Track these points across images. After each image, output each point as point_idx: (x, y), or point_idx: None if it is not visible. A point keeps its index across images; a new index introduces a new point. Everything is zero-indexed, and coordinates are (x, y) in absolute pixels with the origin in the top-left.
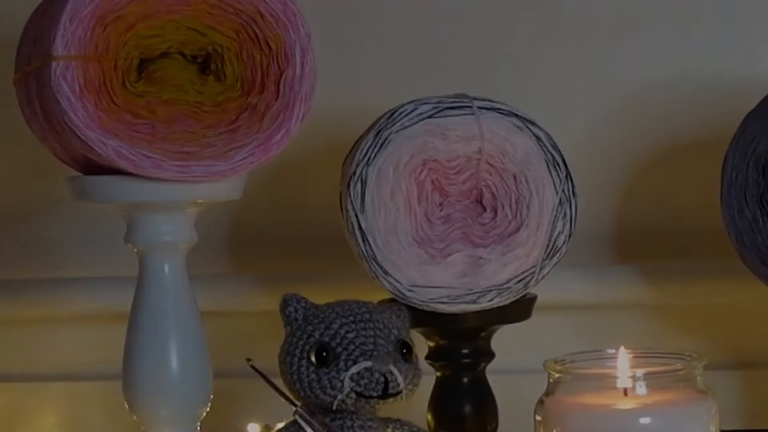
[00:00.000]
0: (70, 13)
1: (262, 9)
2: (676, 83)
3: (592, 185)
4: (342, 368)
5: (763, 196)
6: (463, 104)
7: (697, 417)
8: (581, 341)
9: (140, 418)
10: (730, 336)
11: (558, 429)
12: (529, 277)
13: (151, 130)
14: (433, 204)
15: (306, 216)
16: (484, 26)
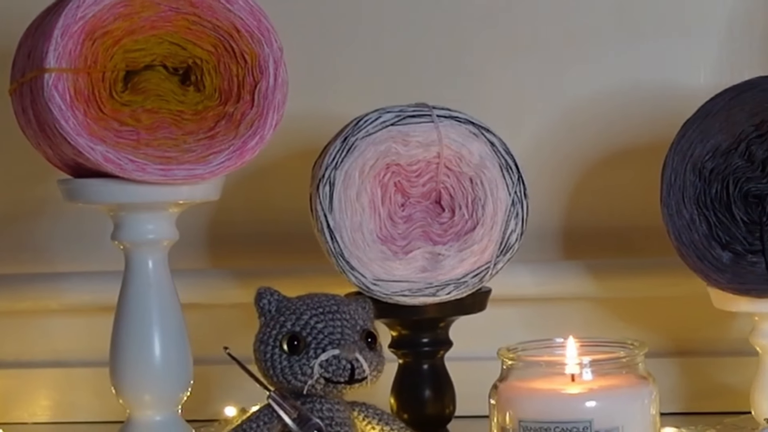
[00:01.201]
0: (61, 29)
1: (238, 25)
2: (619, 94)
3: (542, 187)
4: (312, 356)
5: (700, 198)
6: (424, 113)
7: (639, 400)
8: (532, 331)
9: (126, 402)
10: (669, 326)
11: (511, 412)
12: (484, 272)
13: (135, 137)
14: (396, 204)
15: (279, 215)
16: (444, 42)
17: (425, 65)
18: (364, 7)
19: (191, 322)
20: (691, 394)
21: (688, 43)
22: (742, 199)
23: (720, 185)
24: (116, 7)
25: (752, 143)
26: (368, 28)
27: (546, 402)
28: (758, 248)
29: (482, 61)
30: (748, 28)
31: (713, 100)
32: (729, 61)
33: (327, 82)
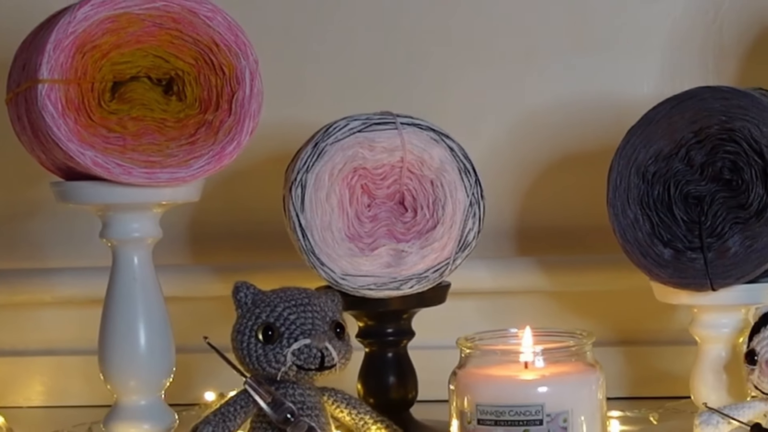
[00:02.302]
0: (53, 43)
1: (217, 39)
2: (570, 102)
3: (498, 189)
4: (285, 345)
5: (643, 199)
6: (388, 120)
7: (587, 386)
8: (488, 322)
9: (113, 387)
10: (614, 317)
11: (469, 397)
12: (444, 267)
13: (122, 143)
14: (363, 205)
15: (254, 215)
16: (407, 55)
17: (389, 77)
18: (334, 24)
19: (173, 314)
20: (635, 381)
21: (632, 56)
22: (682, 200)
23: (662, 187)
24: (104, 23)
25: (692, 149)
26: (337, 43)
27: (501, 387)
28: (697, 246)
29: (442, 73)
30: (687, 42)
31: (655, 109)
32: (670, 73)
33: (299, 92)
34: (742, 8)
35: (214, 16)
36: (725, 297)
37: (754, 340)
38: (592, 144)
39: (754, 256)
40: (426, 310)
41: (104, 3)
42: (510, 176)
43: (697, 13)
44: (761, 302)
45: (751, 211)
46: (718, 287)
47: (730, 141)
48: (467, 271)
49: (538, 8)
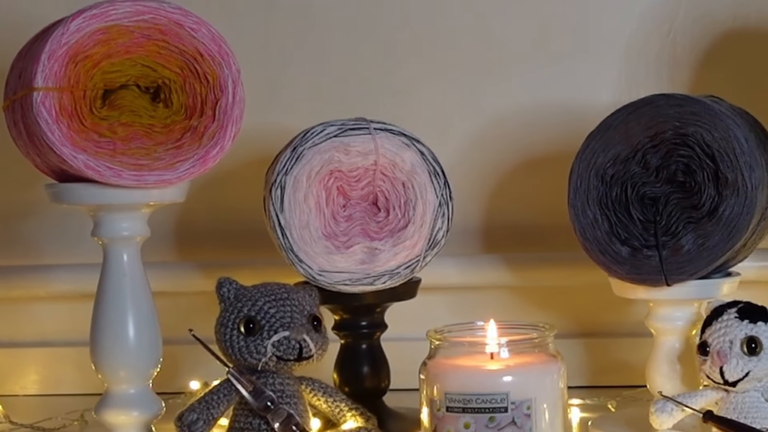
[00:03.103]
0: (48, 53)
1: (201, 50)
2: (532, 109)
3: (466, 191)
4: (265, 337)
5: (602, 200)
6: (362, 126)
7: (549, 376)
8: (456, 315)
9: (104, 377)
10: (575, 311)
11: (438, 385)
12: (415, 264)
13: (112, 147)
14: (338, 205)
15: (236, 215)
16: (380, 64)
17: (364, 84)
18: (311, 36)
19: (161, 308)
20: (594, 370)
21: (591, 65)
22: (638, 201)
23: (619, 189)
24: (95, 34)
25: (647, 152)
26: (314, 54)
27: (469, 377)
28: (653, 244)
29: (413, 81)
30: (643, 52)
31: (613, 115)
32: (627, 81)
33: (278, 100)
34: (694, 21)
35: (199, 28)
36: (679, 292)
37: (706, 332)
38: (554, 148)
39: (706, 253)
40: (398, 304)
41: (96, 15)
42: (477, 178)
43: (653, 26)
44: (713, 297)
45: (704, 212)
46: (672, 283)
47: (684, 145)
48: (437, 267)
49: (502, 21)
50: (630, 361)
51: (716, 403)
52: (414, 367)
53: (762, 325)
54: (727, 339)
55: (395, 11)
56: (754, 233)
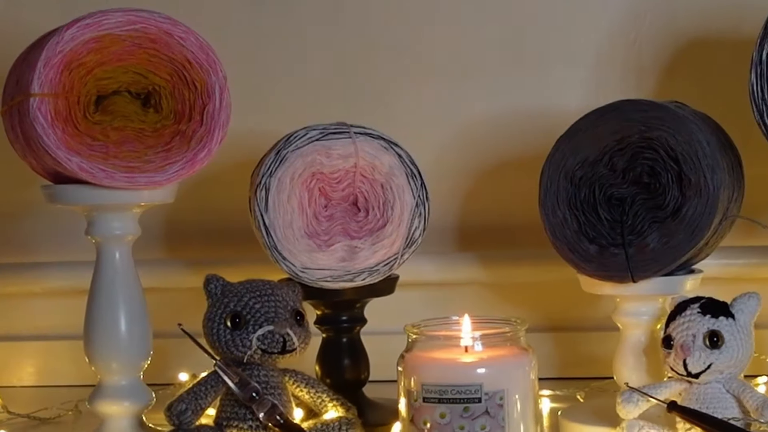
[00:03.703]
0: (43, 61)
1: (189, 58)
2: (505, 114)
3: (441, 192)
4: (250, 331)
5: (571, 201)
6: (343, 130)
7: (521, 368)
8: (432, 310)
9: (97, 369)
10: (545, 306)
11: (415, 377)
12: (393, 261)
13: (105, 150)
14: (320, 206)
15: (223, 215)
16: (360, 71)
17: (345, 91)
18: (294, 44)
19: (151, 303)
20: (564, 363)
21: (561, 73)
22: (606, 202)
23: (588, 190)
24: (89, 43)
25: (614, 155)
26: (297, 61)
27: (444, 369)
28: (619, 242)
29: (392, 88)
30: (610, 60)
31: (582, 120)
32: (595, 87)
33: (263, 105)
34: (659, 31)
35: (187, 37)
36: (644, 288)
37: (670, 326)
38: (526, 151)
39: (670, 251)
40: (377, 299)
41: (89, 25)
42: (452, 180)
43: (620, 35)
44: (677, 293)
45: (668, 212)
46: (638, 279)
47: (649, 148)
48: (414, 265)
49: (477, 31)
50: (598, 353)
51: (680, 393)
52: (392, 360)
53: (723, 320)
54: (690, 333)
55: (376, 21)
56: (716, 232)
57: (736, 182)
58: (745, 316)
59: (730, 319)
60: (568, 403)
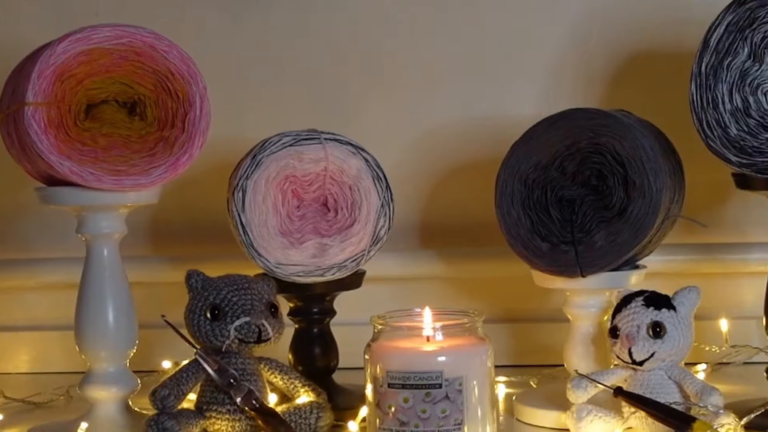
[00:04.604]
0: (37, 72)
1: (172, 69)
2: (463, 121)
3: (405, 193)
4: (228, 322)
5: (524, 202)
6: (314, 136)
7: (479, 356)
8: (396, 303)
9: (87, 357)
10: (501, 299)
11: (380, 365)
12: (360, 258)
13: (94, 155)
14: (293, 206)
15: (203, 215)
16: (330, 83)
17: (316, 100)
18: (269, 56)
19: (136, 296)
20: (518, 351)
21: (515, 83)
22: (557, 203)
23: (540, 192)
24: (79, 56)
25: (565, 160)
26: (272, 72)
27: (407, 357)
28: (569, 240)
29: (359, 97)
30: (561, 71)
31: (535, 127)
32: (547, 96)
33: (240, 113)
34: (606, 44)
35: (170, 50)
36: (593, 282)
37: (616, 318)
38: (483, 156)
39: (616, 248)
40: (345, 293)
41: (79, 39)
42: (415, 182)
43: (570, 48)
44: (622, 286)
45: (614, 211)
46: (586, 274)
47: (597, 153)
48: (379, 261)
49: (437, 45)
50: (549, 343)
51: (625, 380)
52: (359, 349)
53: (665, 312)
54: (634, 324)
55: (344, 37)
56: (658, 231)
57: (678, 185)
58: (685, 308)
59: (671, 311)
60: (522, 388)
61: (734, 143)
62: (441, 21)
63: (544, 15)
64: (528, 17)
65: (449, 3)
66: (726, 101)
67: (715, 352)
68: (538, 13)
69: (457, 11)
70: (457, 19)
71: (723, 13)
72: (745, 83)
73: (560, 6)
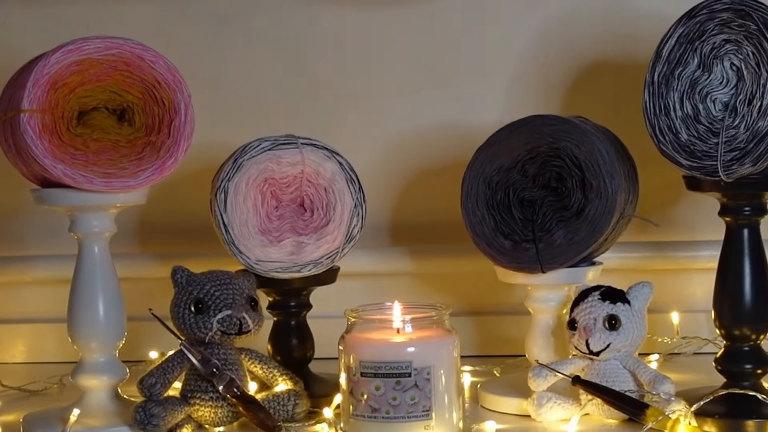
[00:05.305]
0: (32, 81)
1: (159, 79)
2: (431, 127)
3: (377, 195)
4: (211, 315)
5: (489, 202)
6: (292, 141)
7: (445, 347)
8: (368, 297)
9: (79, 348)
10: (467, 293)
11: (354, 355)
12: (335, 255)
13: (85, 159)
14: (272, 207)
15: (188, 215)
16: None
17: (293, 108)
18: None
19: (125, 291)
20: (482, 343)
21: (480, 91)
22: (519, 203)
23: (503, 193)
24: (71, 66)
25: (526, 163)
26: (253, 81)
27: (379, 348)
28: (531, 238)
29: (334, 104)
30: (523, 80)
31: (498, 132)
32: (509, 104)
33: (223, 119)
34: (564, 56)
35: (157, 61)
36: (552, 278)
37: (574, 311)
38: (449, 159)
39: (574, 246)
40: (321, 287)
41: (72, 50)
42: (386, 184)
43: (530, 59)
44: (580, 282)
45: (572, 211)
46: (547, 270)
47: (556, 157)
48: (353, 258)
49: (405, 55)
50: (512, 335)
51: (583, 369)
52: (334, 340)
53: (620, 305)
54: (591, 317)
55: (319, 49)
56: (614, 230)
57: (632, 186)
58: (639, 302)
59: (626, 304)
60: (486, 377)
61: (685, 147)
62: (409, 35)
63: (506, 29)
64: (491, 31)
65: (418, 19)
66: (677, 108)
67: (666, 343)
68: (501, 28)
69: (425, 26)
70: (424, 34)
71: (674, 26)
72: (695, 91)
73: (521, 20)
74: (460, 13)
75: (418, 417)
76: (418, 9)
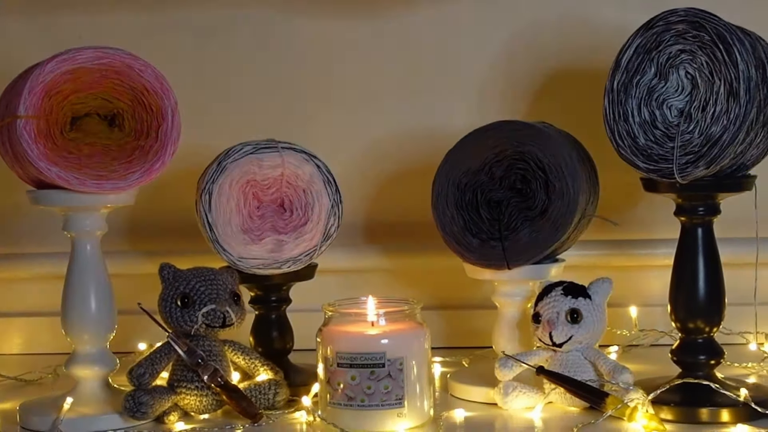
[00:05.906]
0: (28, 89)
1: (147, 86)
2: (403, 131)
3: (353, 195)
4: (197, 309)
5: (458, 203)
6: (272, 145)
7: (417, 339)
8: (344, 292)
9: (72, 340)
10: (437, 289)
11: (331, 347)
12: (313, 252)
13: (78, 162)
14: (253, 207)
15: (175, 215)
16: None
17: (274, 113)
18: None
19: (116, 286)
20: (452, 335)
21: (450, 98)
22: (486, 204)
23: (471, 194)
24: (65, 74)
25: (493, 166)
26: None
27: (354, 340)
28: (497, 237)
29: (312, 111)
30: (490, 88)
31: (467, 137)
32: (477, 110)
33: (207, 125)
34: (530, 65)
35: (146, 69)
36: (518, 274)
37: (538, 305)
38: (421, 162)
39: (538, 244)
40: (300, 283)
41: (65, 60)
42: (361, 186)
43: (498, 68)
44: (544, 277)
45: (537, 211)
46: (512, 267)
47: (521, 160)
48: (330, 255)
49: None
50: (479, 327)
51: (547, 360)
52: (312, 332)
53: (582, 300)
54: (554, 310)
55: (298, 58)
56: (576, 229)
57: (593, 188)
58: (599, 297)
59: (587, 299)
60: (455, 368)
61: (642, 151)
62: (383, 46)
63: (474, 39)
64: (460, 41)
65: (391, 30)
66: (635, 114)
67: (625, 335)
68: (469, 38)
69: (398, 37)
70: (398, 44)
71: (633, 37)
72: (652, 99)
73: (488, 31)
74: (431, 26)
75: (391, 405)
76: (391, 21)
